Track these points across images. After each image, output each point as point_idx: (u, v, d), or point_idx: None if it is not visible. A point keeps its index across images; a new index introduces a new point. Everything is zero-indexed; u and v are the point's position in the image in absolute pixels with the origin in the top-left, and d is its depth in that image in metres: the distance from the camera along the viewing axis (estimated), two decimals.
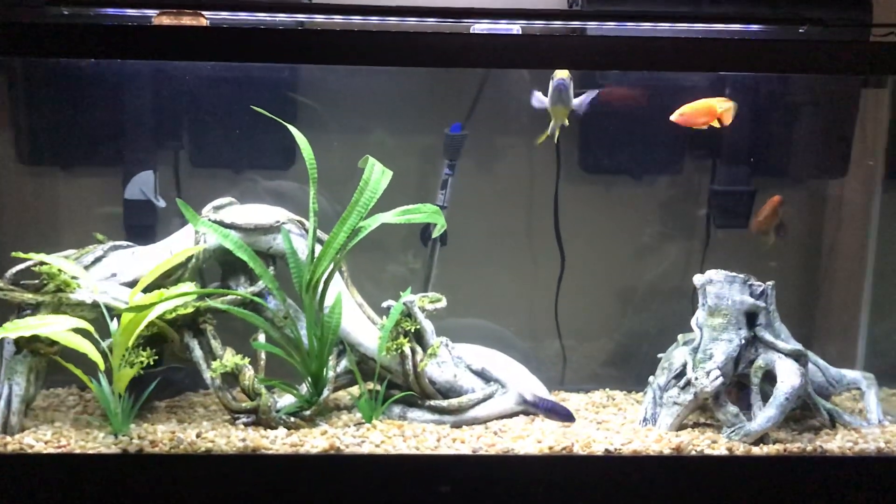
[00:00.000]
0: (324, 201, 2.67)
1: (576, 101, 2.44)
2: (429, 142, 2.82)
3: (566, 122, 2.49)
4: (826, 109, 2.82)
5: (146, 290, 2.39)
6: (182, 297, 2.38)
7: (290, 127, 2.40)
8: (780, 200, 2.68)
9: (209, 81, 2.70)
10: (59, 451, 2.28)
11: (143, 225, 2.67)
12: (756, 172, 2.81)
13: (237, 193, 2.63)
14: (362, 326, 2.55)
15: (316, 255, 2.43)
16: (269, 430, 2.38)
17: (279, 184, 2.76)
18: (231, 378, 2.44)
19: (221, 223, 2.48)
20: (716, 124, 2.45)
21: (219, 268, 2.57)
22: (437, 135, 2.77)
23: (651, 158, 2.83)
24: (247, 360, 2.44)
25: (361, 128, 2.78)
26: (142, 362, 2.36)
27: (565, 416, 2.53)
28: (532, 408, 2.55)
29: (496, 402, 2.56)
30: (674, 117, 2.45)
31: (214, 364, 2.41)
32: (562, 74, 2.37)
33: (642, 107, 2.65)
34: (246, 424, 2.41)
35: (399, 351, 2.48)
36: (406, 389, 2.52)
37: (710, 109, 2.44)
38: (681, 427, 2.49)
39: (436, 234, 2.51)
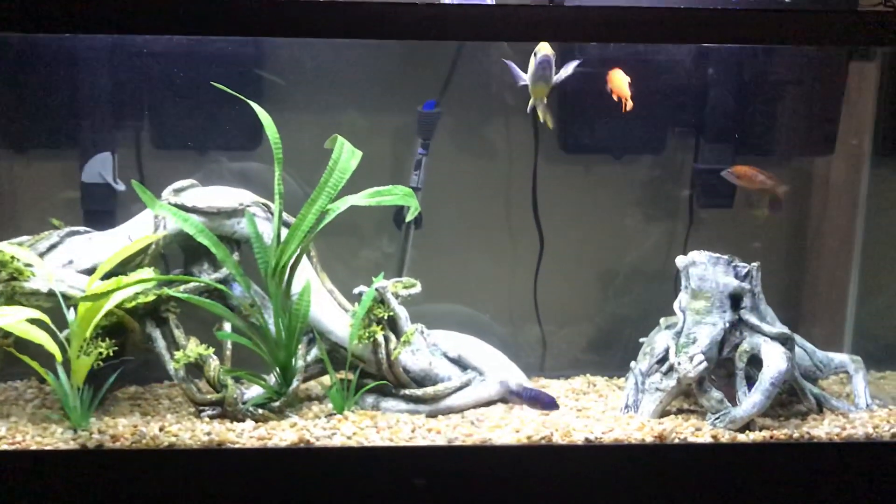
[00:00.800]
0: (293, 183, 2.61)
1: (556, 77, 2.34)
2: (401, 120, 2.73)
3: (545, 100, 2.40)
4: (812, 84, 2.75)
5: (105, 277, 2.29)
6: (140, 285, 2.28)
7: (253, 104, 2.30)
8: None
9: (170, 57, 2.59)
10: (13, 447, 2.19)
11: (101, 209, 2.57)
12: (740, 150, 2.75)
13: (201, 175, 2.54)
14: (333, 314, 2.48)
15: (282, 239, 2.34)
16: (235, 423, 2.30)
17: (246, 165, 2.68)
18: (197, 369, 2.36)
19: (182, 207, 2.39)
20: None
21: (182, 253, 2.48)
22: (409, 112, 2.69)
23: (632, 137, 2.75)
24: (211, 350, 2.36)
25: (330, 105, 2.69)
26: (100, 353, 2.26)
27: (549, 404, 2.45)
28: (515, 397, 2.47)
29: (473, 390, 2.49)
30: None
31: (177, 354, 2.33)
32: (545, 49, 2.26)
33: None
34: (211, 417, 2.34)
35: (371, 339, 2.40)
36: (379, 379, 2.45)
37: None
38: (664, 414, 2.43)
39: (409, 217, 2.41)
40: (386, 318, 2.42)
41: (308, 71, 2.66)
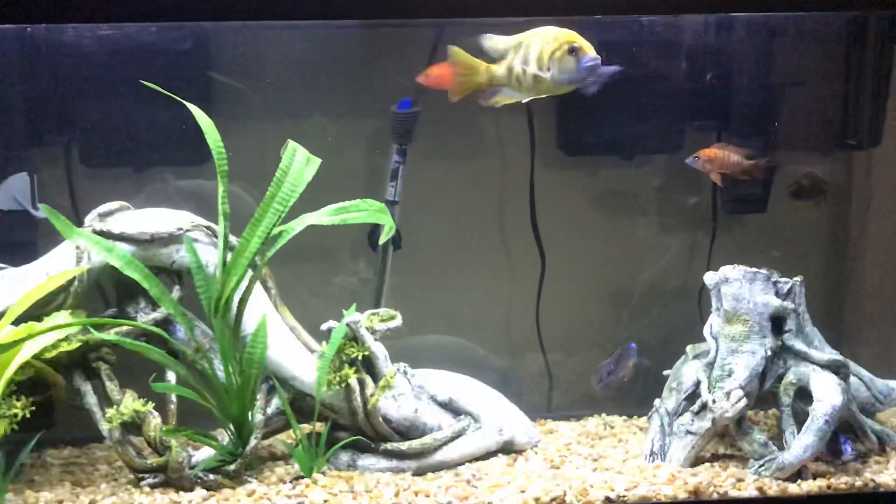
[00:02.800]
0: (252, 202, 2.32)
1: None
2: (373, 122, 2.49)
3: None
4: (854, 68, 2.49)
5: (17, 322, 1.99)
6: (59, 330, 1.98)
7: (190, 105, 2.04)
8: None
9: (103, 56, 2.31)
10: None
11: (18, 241, 2.29)
12: (771, 144, 2.50)
13: (144, 197, 2.33)
14: (296, 356, 2.19)
15: None
16: (182, 493, 2.02)
17: (196, 183, 2.42)
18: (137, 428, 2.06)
19: (108, 234, 2.09)
20: None
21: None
22: (383, 113, 2.43)
23: (644, 134, 2.53)
24: (151, 405, 2.05)
25: (293, 109, 2.44)
26: (15, 415, 1.97)
27: (629, 352, 2.28)
28: (603, 387, 2.24)
29: (468, 440, 2.22)
30: None
31: (110, 412, 2.03)
32: (588, 49, 1.90)
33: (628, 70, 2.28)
34: (153, 486, 2.05)
35: (344, 384, 2.12)
36: (355, 431, 2.17)
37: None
38: (697, 461, 2.16)
39: (384, 236, 2.14)
40: (360, 358, 2.15)
41: (267, 71, 2.42)
